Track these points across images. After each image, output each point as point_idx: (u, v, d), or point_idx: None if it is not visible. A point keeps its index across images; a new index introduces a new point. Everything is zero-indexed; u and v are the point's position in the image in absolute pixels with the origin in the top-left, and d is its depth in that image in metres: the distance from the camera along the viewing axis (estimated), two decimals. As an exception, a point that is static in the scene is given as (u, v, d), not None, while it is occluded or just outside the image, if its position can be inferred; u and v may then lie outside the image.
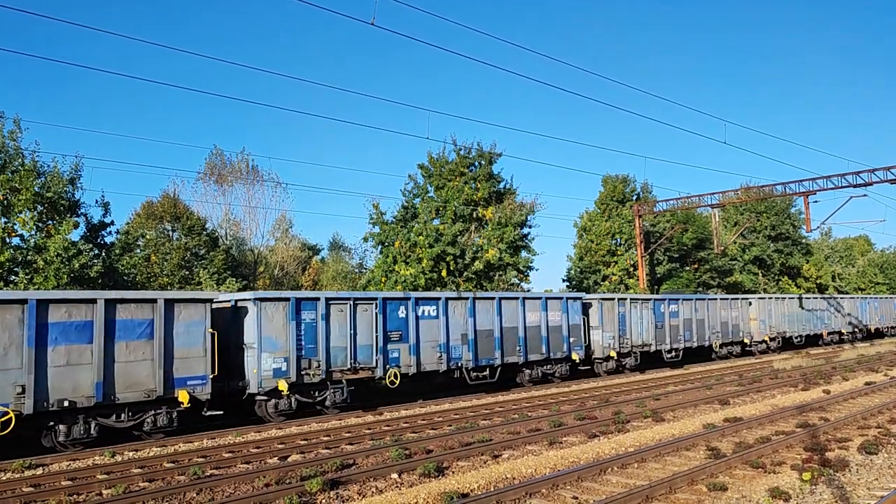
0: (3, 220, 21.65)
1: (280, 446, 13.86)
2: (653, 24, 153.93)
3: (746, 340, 34.72)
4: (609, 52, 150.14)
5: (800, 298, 38.50)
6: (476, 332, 21.19)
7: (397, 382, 19.03)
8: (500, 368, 21.95)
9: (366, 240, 35.17)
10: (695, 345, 30.75)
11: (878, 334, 49.88)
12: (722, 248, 43.18)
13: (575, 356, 24.43)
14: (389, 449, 12.62)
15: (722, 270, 48.64)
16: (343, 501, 9.64)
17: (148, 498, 9.93)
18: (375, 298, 19.00)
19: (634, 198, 45.99)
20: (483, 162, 35.66)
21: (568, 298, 24.58)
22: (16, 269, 21.35)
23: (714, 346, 31.98)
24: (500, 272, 34.14)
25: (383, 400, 20.53)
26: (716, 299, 33.15)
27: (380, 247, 34.40)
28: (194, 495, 10.23)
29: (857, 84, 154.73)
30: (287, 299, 17.25)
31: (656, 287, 43.98)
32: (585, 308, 25.92)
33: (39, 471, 12.12)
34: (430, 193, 35.49)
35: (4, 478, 11.59)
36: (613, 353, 26.20)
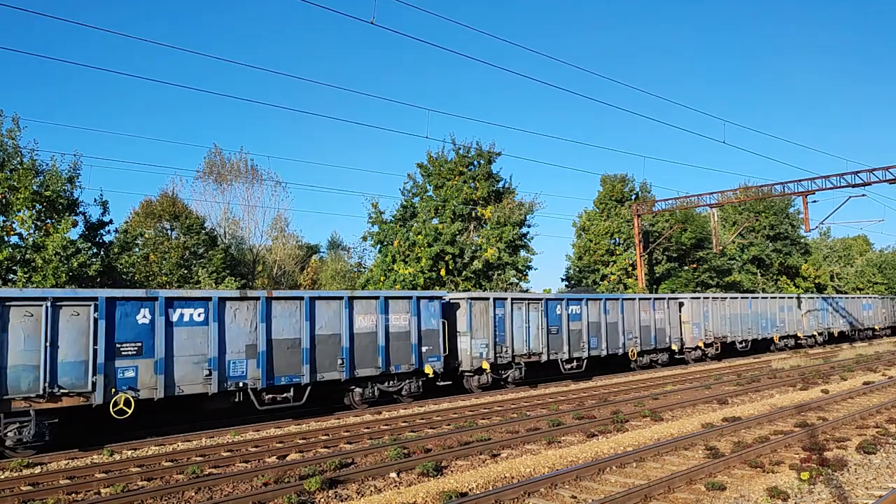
0: (2, 218, 21.64)
1: (279, 445, 13.85)
2: (652, 23, 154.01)
3: (675, 347, 29.87)
4: (608, 52, 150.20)
5: (745, 299, 34.70)
6: (270, 342, 16.55)
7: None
8: (308, 388, 17.28)
9: (365, 239, 35.24)
10: (604, 353, 26.15)
11: (844, 338, 45.51)
12: (720, 247, 43.20)
13: (428, 369, 19.76)
14: (388, 448, 12.62)
15: (720, 270, 48.69)
16: (342, 500, 9.63)
17: (146, 497, 9.92)
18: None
19: (633, 197, 46.03)
20: (482, 161, 35.69)
21: (420, 298, 20.04)
22: (14, 267, 21.34)
23: (631, 354, 27.39)
24: (499, 271, 34.16)
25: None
26: (634, 299, 28.36)
27: (378, 246, 34.43)
28: (193, 494, 10.22)
29: (857, 84, 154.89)
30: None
31: (655, 286, 44.01)
32: (450, 310, 21.55)
33: (38, 469, 12.11)
34: (429, 192, 35.52)
35: (3, 476, 11.58)
36: (486, 365, 21.44)
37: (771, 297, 36.91)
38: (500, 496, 9.11)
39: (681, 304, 30.49)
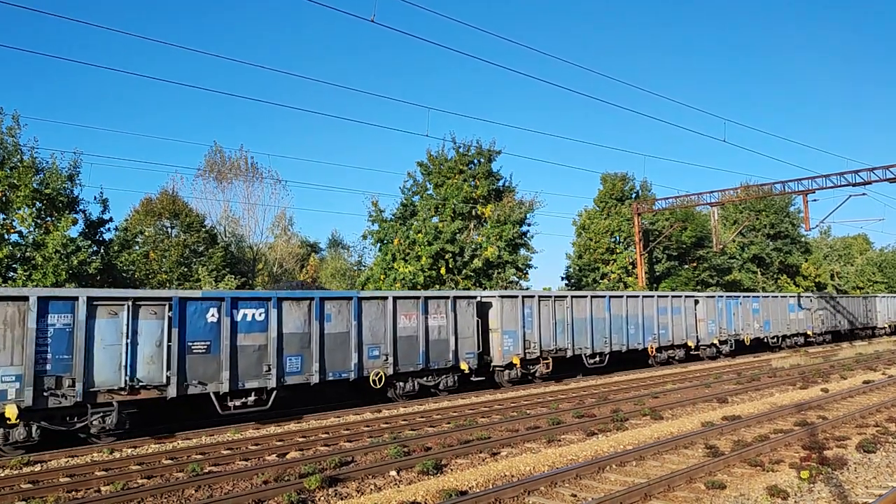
0: (2, 216, 21.62)
1: (279, 443, 13.85)
2: (652, 22, 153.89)
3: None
4: (609, 51, 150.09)
5: (609, 297, 26.54)
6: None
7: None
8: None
9: (365, 237, 35.23)
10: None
11: (762, 346, 36.95)
12: (721, 246, 43.19)
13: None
14: (388, 446, 12.62)
15: (721, 269, 48.69)
16: (341, 499, 9.63)
17: (146, 495, 9.93)
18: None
19: (633, 196, 46.01)
20: (482, 159, 35.67)
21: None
22: (14, 265, 21.34)
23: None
24: (499, 270, 34.16)
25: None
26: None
27: (379, 244, 34.41)
28: (193, 492, 10.22)
29: (857, 83, 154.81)
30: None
31: (655, 285, 44.00)
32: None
33: (38, 467, 12.11)
34: (429, 191, 35.51)
35: (3, 474, 11.58)
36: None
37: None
38: (499, 494, 9.11)
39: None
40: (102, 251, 24.18)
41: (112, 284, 23.01)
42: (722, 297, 32.70)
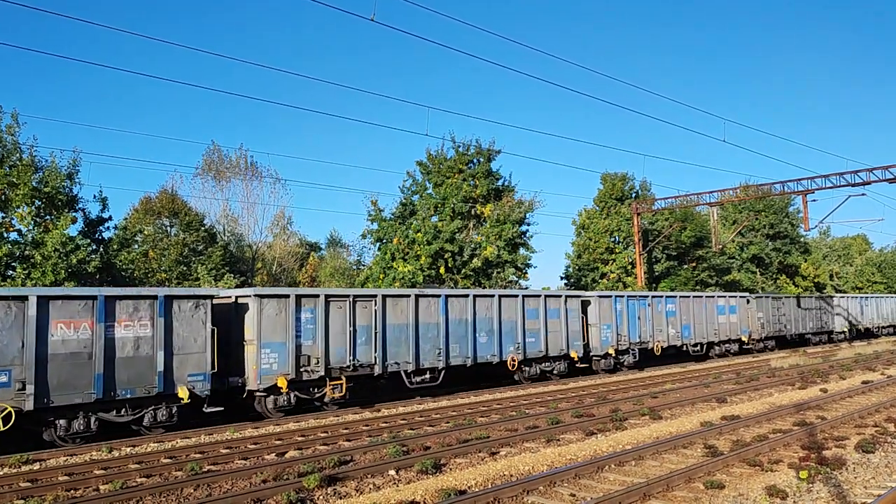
0: (1, 214, 21.60)
1: (277, 442, 13.85)
2: (652, 21, 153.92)
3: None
4: (609, 50, 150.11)
5: (446, 297, 20.97)
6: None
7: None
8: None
9: (364, 236, 35.20)
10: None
11: (682, 356, 32.05)
12: (720, 246, 43.18)
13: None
14: (387, 446, 12.62)
15: (720, 269, 48.70)
16: (340, 498, 9.63)
17: (145, 493, 9.92)
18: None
19: (633, 195, 46.01)
20: (482, 159, 35.66)
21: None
22: (13, 264, 21.32)
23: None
24: (499, 269, 34.16)
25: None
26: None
27: (378, 244, 34.40)
28: (192, 491, 10.22)
29: (857, 83, 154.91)
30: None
31: (654, 285, 44.01)
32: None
33: (37, 466, 12.10)
34: (428, 190, 35.49)
35: (1, 473, 11.57)
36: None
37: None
38: (498, 494, 9.12)
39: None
40: (101, 250, 24.16)
41: (111, 283, 22.99)
42: (622, 296, 27.68)
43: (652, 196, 45.46)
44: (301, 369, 17.12)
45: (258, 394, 16.65)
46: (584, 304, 26.05)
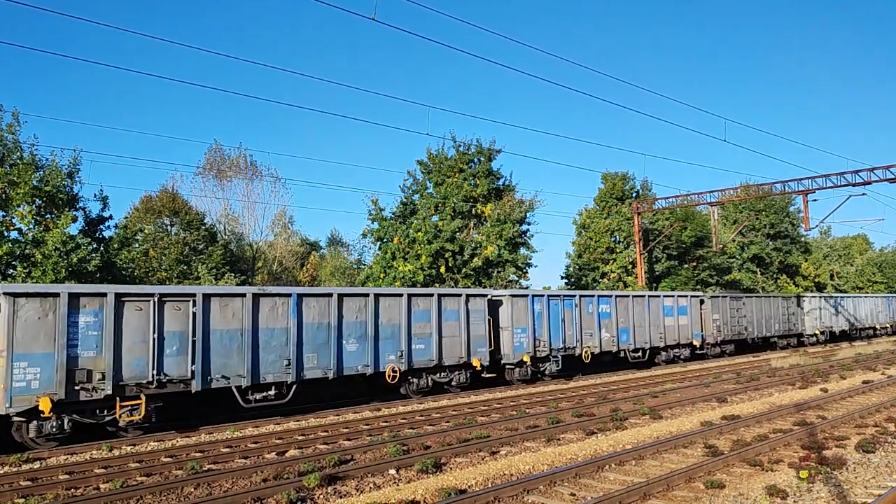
0: (2, 213, 21.60)
1: (278, 441, 13.85)
2: (653, 21, 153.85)
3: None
4: (609, 50, 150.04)
5: (297, 295, 17.47)
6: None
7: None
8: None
9: (364, 235, 35.22)
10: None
11: (620, 363, 28.53)
12: (720, 246, 43.14)
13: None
14: (387, 445, 12.62)
15: (720, 268, 48.69)
16: (341, 497, 9.62)
17: (146, 492, 9.92)
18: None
19: (634, 195, 46.02)
20: (482, 158, 35.67)
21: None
22: (14, 262, 21.32)
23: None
24: (499, 269, 34.16)
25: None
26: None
27: (378, 243, 34.42)
28: (192, 490, 10.22)
29: (857, 83, 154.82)
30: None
31: (655, 284, 44.01)
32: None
33: (37, 465, 12.11)
34: (429, 190, 35.50)
35: (2, 472, 11.58)
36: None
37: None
38: (499, 493, 9.11)
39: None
40: (102, 249, 24.16)
41: (111, 282, 22.99)
42: (541, 296, 23.99)
43: (652, 196, 45.48)
44: (77, 387, 13.54)
45: (15, 419, 13.26)
46: (495, 305, 22.74)
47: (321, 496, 9.64)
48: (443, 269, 32.08)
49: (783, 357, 32.49)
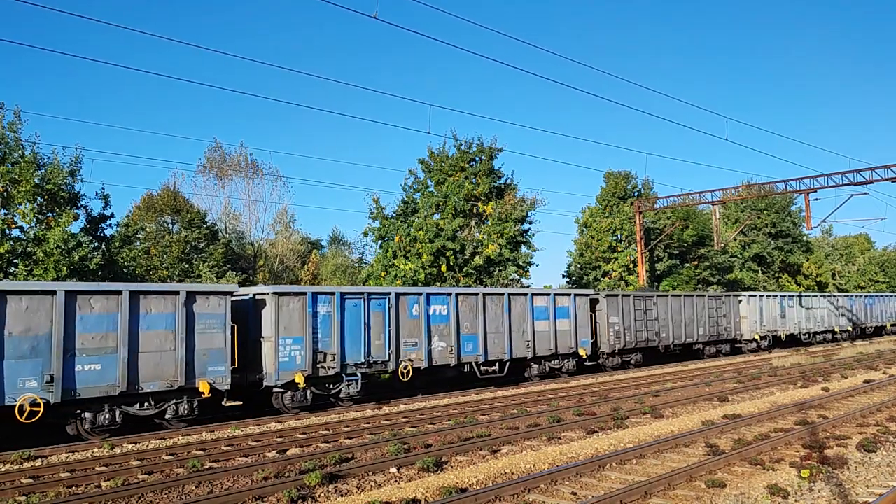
0: (3, 211, 21.61)
1: (279, 440, 13.87)
2: (655, 20, 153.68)
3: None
4: (612, 49, 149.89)
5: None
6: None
7: None
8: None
9: (366, 234, 35.21)
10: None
11: (467, 379, 22.50)
12: (722, 245, 43.07)
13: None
14: (388, 443, 12.62)
15: (722, 268, 48.63)
16: (342, 495, 9.63)
17: (147, 490, 9.93)
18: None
19: (635, 194, 45.97)
20: (484, 157, 35.62)
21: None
22: (15, 260, 21.34)
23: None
24: (500, 268, 34.14)
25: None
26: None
27: (380, 241, 34.41)
28: (193, 488, 10.23)
29: (859, 82, 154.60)
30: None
31: (656, 283, 43.98)
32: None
33: (38, 462, 12.13)
34: (430, 188, 35.47)
35: (3, 469, 11.59)
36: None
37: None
38: (499, 492, 9.11)
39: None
40: (103, 247, 24.18)
41: (113, 280, 23.00)
42: (330, 294, 17.99)
43: (654, 194, 45.43)
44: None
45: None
46: (258, 305, 17.12)
47: (322, 494, 9.65)
48: (444, 268, 32.07)
49: (785, 356, 32.48)
